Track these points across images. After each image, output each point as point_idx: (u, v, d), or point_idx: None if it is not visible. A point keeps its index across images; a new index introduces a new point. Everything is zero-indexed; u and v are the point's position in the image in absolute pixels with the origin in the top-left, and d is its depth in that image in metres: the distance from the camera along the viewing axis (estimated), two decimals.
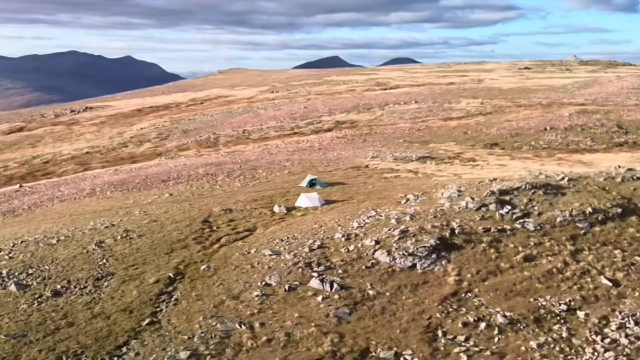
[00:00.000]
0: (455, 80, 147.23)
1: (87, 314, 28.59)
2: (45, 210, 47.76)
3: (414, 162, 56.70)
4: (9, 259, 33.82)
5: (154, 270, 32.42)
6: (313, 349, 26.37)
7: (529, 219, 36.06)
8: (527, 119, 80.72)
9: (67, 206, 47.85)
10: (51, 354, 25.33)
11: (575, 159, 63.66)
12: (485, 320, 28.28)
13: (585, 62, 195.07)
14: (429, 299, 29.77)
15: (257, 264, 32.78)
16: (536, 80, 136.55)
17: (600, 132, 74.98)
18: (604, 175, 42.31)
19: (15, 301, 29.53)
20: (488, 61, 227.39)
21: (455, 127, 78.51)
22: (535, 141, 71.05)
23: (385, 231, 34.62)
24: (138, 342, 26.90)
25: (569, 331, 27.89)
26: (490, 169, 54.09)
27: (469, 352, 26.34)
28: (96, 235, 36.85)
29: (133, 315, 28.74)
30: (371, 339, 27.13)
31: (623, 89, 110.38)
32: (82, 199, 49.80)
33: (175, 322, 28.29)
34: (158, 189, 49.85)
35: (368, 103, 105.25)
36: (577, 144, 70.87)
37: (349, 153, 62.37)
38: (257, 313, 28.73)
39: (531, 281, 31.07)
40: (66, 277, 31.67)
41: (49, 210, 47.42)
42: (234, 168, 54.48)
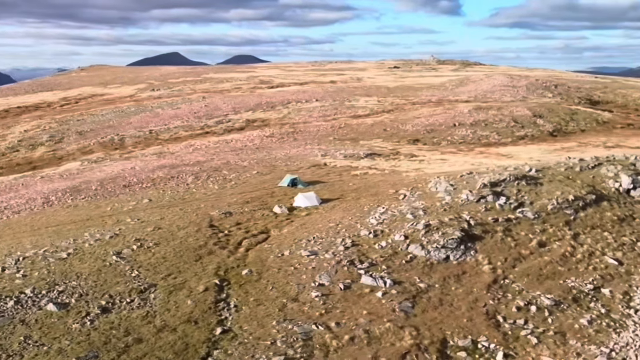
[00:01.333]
0: (335, 78, 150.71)
1: (151, 329, 27.10)
2: (6, 224, 43.46)
3: (365, 160, 58.15)
4: (23, 277, 30.96)
5: (196, 278, 31.17)
6: (397, 344, 26.94)
7: (525, 208, 38.68)
8: (433, 116, 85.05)
9: (31, 218, 43.91)
10: None
11: (494, 152, 68.37)
12: (533, 303, 30.25)
13: (443, 62, 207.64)
14: (475, 287, 31.25)
15: (299, 265, 32.58)
16: (413, 79, 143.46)
17: (502, 127, 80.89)
18: (563, 165, 46.12)
19: (62, 321, 27.33)
20: (355, 60, 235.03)
21: (372, 124, 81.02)
22: (450, 136, 75.27)
23: (409, 226, 35.63)
24: (221, 351, 26.14)
25: (604, 307, 30.59)
26: (438, 164, 56.82)
27: (535, 334, 28.15)
28: (107, 246, 34.60)
29: (200, 325, 27.69)
30: (444, 330, 28.18)
31: (496, 86, 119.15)
32: (42, 209, 45.88)
33: (248, 328, 27.65)
34: (127, 195, 47.11)
35: (270, 101, 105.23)
36: (487, 138, 76.01)
37: (295, 152, 62.51)
38: (326, 313, 28.74)
39: (553, 265, 33.48)
40: (104, 291, 29.67)
41: (12, 224, 43.22)
42: (194, 170, 52.68)
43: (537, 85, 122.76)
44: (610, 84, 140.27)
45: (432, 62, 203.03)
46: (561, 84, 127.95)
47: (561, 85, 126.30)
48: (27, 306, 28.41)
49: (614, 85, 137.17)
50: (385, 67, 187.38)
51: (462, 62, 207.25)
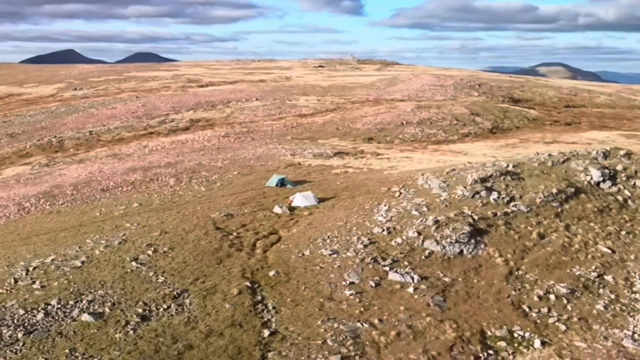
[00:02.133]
0: (264, 77, 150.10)
1: (198, 334, 26.69)
2: None
3: (335, 159, 58.67)
4: (42, 288, 29.45)
5: (225, 281, 30.84)
6: (441, 337, 27.78)
7: (517, 202, 40.48)
8: (379, 115, 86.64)
9: (13, 226, 41.49)
10: None
11: (447, 149, 70.54)
12: (551, 292, 31.97)
13: (363, 62, 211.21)
14: (495, 279, 32.55)
15: (323, 264, 32.83)
16: (343, 78, 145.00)
17: (446, 125, 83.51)
18: (535, 161, 48.45)
19: (103, 332, 26.36)
20: (278, 59, 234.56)
21: (323, 123, 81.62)
22: (401, 135, 77.01)
23: (418, 222, 36.52)
24: (275, 353, 26.23)
25: (612, 293, 32.71)
26: (406, 162, 58.11)
27: (561, 321, 29.87)
28: (120, 253, 33.54)
29: (245, 328, 27.59)
30: (480, 321, 29.28)
31: (425, 85, 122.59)
32: (20, 216, 43.35)
33: (295, 329, 27.77)
34: (109, 199, 45.32)
35: (209, 101, 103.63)
36: (435, 136, 78.31)
37: (260, 151, 62.12)
38: (365, 310, 29.21)
39: (557, 255, 35.37)
40: (137, 299, 28.84)
41: None
42: (171, 172, 51.37)
43: (463, 84, 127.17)
44: (525, 82, 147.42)
45: (354, 62, 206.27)
46: (483, 83, 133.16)
47: (484, 85, 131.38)
48: (59, 317, 27.13)
49: (528, 84, 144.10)
50: (309, 66, 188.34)
51: (382, 62, 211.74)
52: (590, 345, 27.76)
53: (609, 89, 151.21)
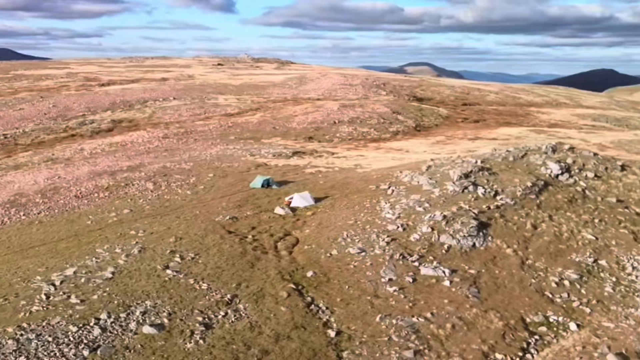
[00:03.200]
0: (166, 75, 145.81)
1: (267, 339, 26.69)
2: None
3: (295, 158, 58.85)
4: (83, 302, 27.92)
5: (268, 285, 30.78)
6: (492, 326, 29.34)
7: (501, 195, 42.93)
8: (309, 114, 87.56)
9: None
10: None
11: (388, 146, 72.68)
12: (564, 278, 34.47)
13: (258, 60, 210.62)
14: (512, 269, 34.63)
15: (355, 263, 33.52)
16: (249, 77, 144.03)
17: (375, 123, 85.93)
18: (497, 156, 51.34)
19: (172, 343, 25.69)
20: (172, 56, 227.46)
21: (258, 123, 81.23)
22: (338, 133, 78.36)
23: (427, 218, 37.88)
24: (349, 352, 26.90)
25: (612, 276, 35.65)
26: (364, 160, 59.34)
27: (583, 304, 32.42)
28: (147, 261, 32.52)
29: (309, 330, 27.95)
30: (517, 309, 31.11)
31: (335, 84, 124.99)
32: None
33: (356, 328, 28.53)
34: (90, 206, 42.79)
35: (124, 100, 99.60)
36: (370, 134, 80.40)
37: (214, 152, 60.99)
38: (414, 305, 30.16)
39: (554, 244, 38.04)
40: (189, 307, 28.18)
41: None
42: (141, 176, 49.18)
43: (370, 84, 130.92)
44: (420, 82, 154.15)
45: (249, 60, 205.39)
46: (386, 83, 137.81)
47: (387, 84, 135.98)
48: (117, 332, 25.87)
49: (425, 83, 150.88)
50: (206, 64, 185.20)
51: (277, 60, 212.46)
52: (618, 325, 30.29)
53: (494, 87, 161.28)
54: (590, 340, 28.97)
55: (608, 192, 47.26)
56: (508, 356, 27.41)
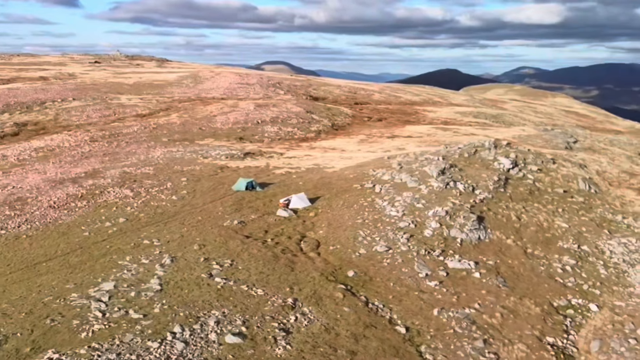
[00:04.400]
0: (44, 74, 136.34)
1: (347, 339, 27.47)
2: None
3: (248, 159, 58.22)
4: (145, 317, 26.93)
5: (319, 286, 31.42)
6: (532, 312, 31.98)
7: (478, 190, 45.77)
8: (226, 114, 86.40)
9: None
10: None
11: (321, 145, 73.56)
12: (565, 264, 37.63)
13: (133, 57, 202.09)
14: (521, 258, 37.55)
15: (388, 260, 34.81)
16: (138, 75, 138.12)
17: (296, 123, 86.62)
18: (453, 153, 54.33)
19: (260, 350, 25.65)
20: (39, 53, 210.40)
21: (182, 124, 78.99)
22: (266, 133, 78.30)
23: (431, 214, 39.77)
24: (426, 347, 28.50)
25: (598, 260, 39.49)
26: (318, 159, 60.02)
27: (590, 287, 36.03)
28: (187, 271, 31.53)
29: (379, 328, 29.21)
30: (543, 295, 33.95)
31: (232, 83, 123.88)
32: None
33: (420, 322, 30.06)
34: (76, 217, 39.75)
35: (19, 102, 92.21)
36: (296, 134, 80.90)
37: (159, 154, 58.66)
38: (459, 297, 32.10)
39: (541, 233, 41.44)
40: (257, 313, 28.15)
41: None
42: (110, 182, 46.37)
43: (266, 83, 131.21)
44: (307, 81, 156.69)
45: (123, 57, 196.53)
46: (280, 82, 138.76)
47: (281, 83, 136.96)
48: (201, 344, 25.06)
49: (313, 83, 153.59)
50: (82, 61, 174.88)
51: (152, 58, 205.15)
52: (627, 303, 33.86)
53: (375, 87, 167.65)
54: (614, 318, 32.21)
55: (552, 184, 51.75)
56: (557, 338, 29.86)
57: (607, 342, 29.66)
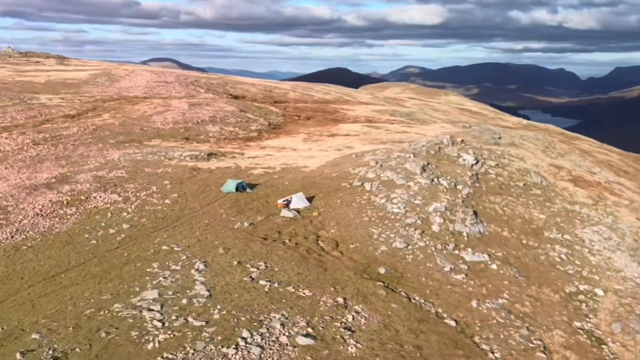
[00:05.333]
0: None
1: (408, 335, 28.43)
2: None
3: (214, 160, 57.30)
4: (208, 324, 26.63)
5: (358, 284, 32.23)
6: (553, 299, 34.46)
7: (460, 185, 47.81)
8: (162, 114, 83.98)
9: None
10: None
11: (270, 145, 73.32)
12: (560, 253, 40.31)
13: (26, 54, 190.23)
14: (522, 249, 40.02)
15: (411, 256, 36.19)
16: (47, 74, 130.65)
17: (235, 122, 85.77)
18: (419, 150, 56.16)
19: (334, 350, 25.98)
20: None
21: (119, 124, 76.01)
22: (210, 133, 77.15)
23: (432, 210, 41.37)
24: (480, 337, 29.84)
25: (584, 248, 42.49)
26: (283, 159, 60.00)
27: (589, 274, 38.69)
28: (227, 276, 31.18)
29: (431, 322, 30.30)
30: (554, 282, 36.40)
31: (150, 82, 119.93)
32: None
33: (464, 315, 31.51)
34: (72, 225, 37.48)
35: None
36: (239, 133, 79.99)
37: (117, 156, 56.39)
38: (487, 290, 33.92)
39: (527, 224, 44.13)
40: (315, 314, 28.40)
41: None
42: (89, 188, 44.15)
43: (184, 81, 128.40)
44: (221, 79, 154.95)
45: (16, 54, 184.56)
46: (197, 80, 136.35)
47: (199, 81, 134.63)
48: (275, 347, 25.18)
49: (229, 81, 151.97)
50: None
51: (47, 55, 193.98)
52: (625, 287, 36.89)
53: (286, 85, 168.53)
54: (621, 301, 35.03)
55: (511, 178, 54.89)
56: (582, 323, 32.15)
57: (627, 324, 32.32)
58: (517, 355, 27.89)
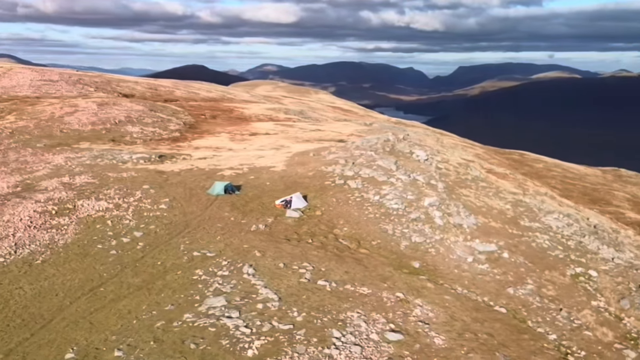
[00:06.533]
0: None
1: (475, 324, 29.70)
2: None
3: (168, 162, 55.40)
4: (294, 326, 26.61)
5: (407, 280, 33.15)
6: (565, 282, 37.54)
7: (430, 180, 50.07)
8: (72, 114, 78.64)
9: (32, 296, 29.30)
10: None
11: (204, 145, 71.86)
12: (546, 240, 43.50)
13: None
14: (515, 238, 42.71)
15: (431, 249, 37.61)
16: None
17: (153, 122, 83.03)
18: (379, 147, 57.78)
19: (423, 344, 26.85)
20: None
21: (35, 126, 70.90)
22: (135, 134, 74.35)
23: (427, 204, 43.38)
24: (532, 321, 31.87)
25: (557, 234, 46.00)
26: (237, 159, 59.23)
27: (577, 257, 41.70)
28: (279, 279, 30.90)
29: (486, 310, 31.78)
30: (556, 267, 39.37)
31: (33, 80, 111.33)
32: None
33: (506, 301, 33.39)
34: (71, 236, 34.69)
35: None
36: (161, 134, 77.37)
37: (63, 160, 52.84)
38: (513, 277, 36.10)
39: (504, 215, 47.08)
40: (389, 310, 29.22)
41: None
42: (64, 196, 40.96)
43: (70, 79, 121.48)
44: (100, 76, 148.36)
45: None
46: (82, 78, 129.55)
47: (83, 79, 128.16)
48: (372, 345, 25.77)
49: (109, 79, 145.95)
50: None
51: None
52: (609, 267, 40.82)
53: (168, 83, 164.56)
54: (615, 280, 38.85)
55: (458, 172, 58.33)
56: (597, 301, 35.42)
57: (633, 300, 36.06)
58: (569, 335, 30.34)
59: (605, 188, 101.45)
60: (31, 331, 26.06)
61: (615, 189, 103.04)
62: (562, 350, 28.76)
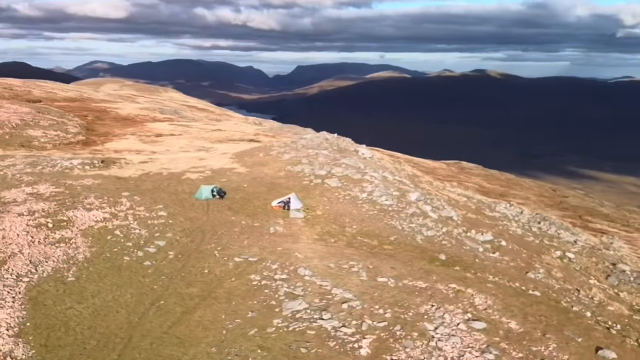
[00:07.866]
0: None
1: (528, 309, 31.86)
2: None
3: (116, 168, 52.29)
4: (389, 323, 27.53)
5: (446, 272, 34.56)
6: (560, 264, 40.92)
7: (396, 176, 52.13)
8: None
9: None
10: None
11: (120, 148, 68.33)
12: (516, 227, 47.23)
13: None
14: (495, 227, 45.74)
15: (444, 242, 39.53)
16: None
17: (50, 125, 77.57)
18: (322, 144, 58.62)
19: (503, 328, 28.66)
20: None
21: None
22: (43, 138, 69.36)
23: (414, 199, 45.10)
24: (565, 302, 34.58)
25: (516, 221, 50.09)
26: (176, 162, 57.09)
27: (549, 242, 45.85)
28: (338, 279, 31.27)
29: (526, 294, 33.93)
30: (545, 252, 42.87)
31: None
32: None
33: (534, 285, 35.88)
34: (86, 250, 31.86)
35: None
36: (67, 138, 72.46)
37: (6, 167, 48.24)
38: (522, 264, 39.01)
39: (477, 207, 50.33)
40: (454, 301, 30.39)
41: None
42: (51, 207, 37.29)
43: None
44: None
45: None
46: None
47: None
48: (465, 334, 26.79)
49: None
50: None
51: None
52: (578, 250, 45.18)
53: (17, 82, 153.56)
54: (590, 259, 43.01)
55: (396, 168, 61.51)
56: (594, 280, 39.20)
57: (617, 276, 40.28)
58: (599, 312, 33.46)
59: (456, 180, 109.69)
60: (117, 352, 24.18)
61: (464, 180, 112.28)
62: (603, 325, 31.68)
